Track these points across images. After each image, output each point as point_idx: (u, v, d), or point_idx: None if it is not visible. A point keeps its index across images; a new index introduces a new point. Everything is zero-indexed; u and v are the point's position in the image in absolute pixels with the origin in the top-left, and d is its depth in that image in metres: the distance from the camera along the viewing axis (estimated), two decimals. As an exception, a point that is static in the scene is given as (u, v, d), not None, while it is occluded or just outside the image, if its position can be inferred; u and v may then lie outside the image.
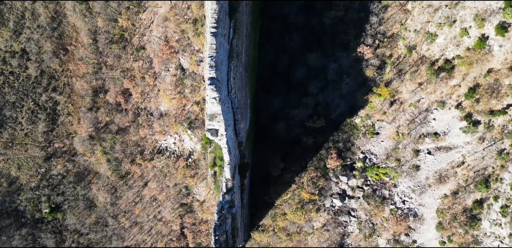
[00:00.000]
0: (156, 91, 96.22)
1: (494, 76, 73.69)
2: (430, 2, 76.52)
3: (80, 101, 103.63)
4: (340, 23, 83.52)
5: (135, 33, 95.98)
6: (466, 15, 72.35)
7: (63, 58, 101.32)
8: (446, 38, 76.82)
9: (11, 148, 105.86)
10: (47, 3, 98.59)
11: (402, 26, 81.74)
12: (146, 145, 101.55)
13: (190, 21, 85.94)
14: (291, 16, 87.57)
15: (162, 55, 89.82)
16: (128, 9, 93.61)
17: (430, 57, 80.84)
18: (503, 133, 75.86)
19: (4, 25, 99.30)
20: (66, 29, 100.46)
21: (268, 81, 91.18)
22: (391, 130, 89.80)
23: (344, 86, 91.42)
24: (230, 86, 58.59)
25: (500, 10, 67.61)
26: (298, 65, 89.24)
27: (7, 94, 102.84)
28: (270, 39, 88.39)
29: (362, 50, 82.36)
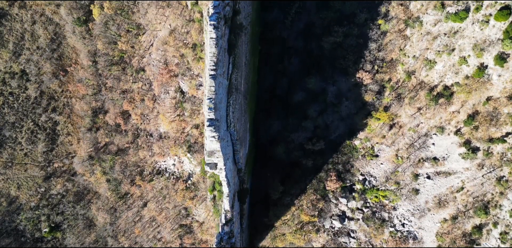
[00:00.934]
0: (156, 113, 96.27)
1: (493, 104, 73.73)
2: (429, 29, 76.54)
3: (79, 121, 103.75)
4: (339, 48, 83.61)
5: (135, 55, 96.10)
6: (465, 44, 72.40)
7: (62, 79, 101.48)
8: (445, 66, 76.88)
9: (10, 168, 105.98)
10: (46, 24, 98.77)
11: (401, 51, 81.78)
12: (145, 165, 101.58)
13: (190, 46, 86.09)
14: (290, 40, 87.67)
15: (162, 79, 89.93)
16: (128, 32, 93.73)
17: (429, 83, 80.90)
18: (502, 160, 75.86)
19: (4, 47, 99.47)
20: (66, 51, 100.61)
21: (268, 103, 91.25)
22: (390, 153, 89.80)
23: (343, 108, 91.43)
24: (229, 120, 58.70)
25: (499, 41, 67.65)
26: (297, 88, 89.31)
27: (7, 115, 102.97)
28: (270, 63, 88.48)
29: (361, 76, 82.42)
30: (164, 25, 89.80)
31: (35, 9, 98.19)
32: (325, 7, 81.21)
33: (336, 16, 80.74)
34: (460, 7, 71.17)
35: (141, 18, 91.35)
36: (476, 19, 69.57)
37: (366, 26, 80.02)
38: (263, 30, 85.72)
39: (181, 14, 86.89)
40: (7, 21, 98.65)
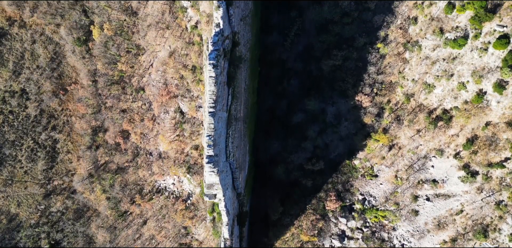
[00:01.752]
0: (155, 132, 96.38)
1: (492, 129, 73.85)
2: (427, 54, 76.71)
3: (79, 139, 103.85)
4: (338, 70, 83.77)
5: (134, 74, 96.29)
6: (463, 70, 72.55)
7: (62, 98, 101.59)
8: (444, 90, 77.03)
9: (10, 186, 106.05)
10: (46, 44, 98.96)
11: (400, 74, 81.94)
12: (145, 184, 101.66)
13: (189, 68, 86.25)
14: (290, 61, 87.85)
15: (161, 99, 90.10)
16: (128, 52, 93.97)
17: (428, 106, 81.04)
18: (501, 185, 75.96)
19: (4, 66, 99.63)
20: (66, 70, 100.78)
21: (267, 124, 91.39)
22: (390, 173, 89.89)
23: (342, 129, 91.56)
24: (229, 151, 58.84)
25: (497, 68, 67.80)
26: (297, 109, 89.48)
27: (7, 133, 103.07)
28: (269, 84, 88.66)
29: (360, 99, 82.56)
30: (163, 46, 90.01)
31: (35, 29, 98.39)
32: (324, 30, 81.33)
33: (335, 39, 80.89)
34: (459, 34, 71.32)
35: (141, 39, 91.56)
36: (475, 46, 69.74)
37: (365, 50, 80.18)
38: (263, 52, 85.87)
39: (181, 36, 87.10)
40: (7, 41, 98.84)
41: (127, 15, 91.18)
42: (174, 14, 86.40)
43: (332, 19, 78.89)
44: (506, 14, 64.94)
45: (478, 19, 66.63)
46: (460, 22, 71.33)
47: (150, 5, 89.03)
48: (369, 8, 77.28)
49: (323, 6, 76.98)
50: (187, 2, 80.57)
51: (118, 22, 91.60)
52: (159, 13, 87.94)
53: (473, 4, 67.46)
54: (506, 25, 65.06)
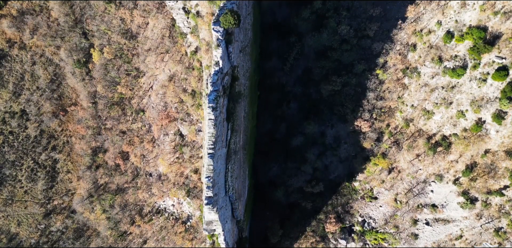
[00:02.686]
0: (155, 154, 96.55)
1: (491, 157, 73.88)
2: (426, 81, 76.82)
3: (79, 159, 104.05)
4: (337, 95, 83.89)
5: (134, 96, 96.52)
6: (462, 99, 72.63)
7: (62, 118, 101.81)
8: (443, 117, 77.10)
9: (11, 205, 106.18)
10: (46, 65, 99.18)
11: (400, 99, 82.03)
12: (144, 204, 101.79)
13: (189, 92, 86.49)
14: (289, 85, 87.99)
15: (161, 123, 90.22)
16: (128, 75, 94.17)
17: (427, 131, 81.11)
18: (500, 212, 75.97)
19: (4, 87, 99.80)
20: (66, 91, 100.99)
21: (267, 147, 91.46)
22: (389, 196, 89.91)
23: (342, 151, 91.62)
24: (228, 185, 58.92)
25: (496, 99, 67.88)
26: (296, 132, 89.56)
27: (7, 153, 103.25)
28: (268, 108, 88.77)
29: (359, 124, 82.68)
30: (163, 69, 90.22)
31: (35, 50, 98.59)
32: (323, 56, 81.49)
33: (334, 65, 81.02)
34: (457, 63, 71.43)
35: (141, 62, 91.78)
36: (473, 77, 69.84)
37: (364, 76, 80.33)
38: (262, 77, 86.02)
39: (181, 60, 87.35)
40: (7, 62, 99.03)
41: (127, 38, 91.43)
42: (174, 39, 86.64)
43: (331, 46, 79.01)
44: (505, 46, 65.03)
45: (477, 50, 66.74)
46: (459, 52, 71.44)
47: (150, 28, 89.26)
48: (368, 36, 77.40)
49: (322, 34, 77.09)
50: (187, 28, 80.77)
51: (118, 45, 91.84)
52: (159, 37, 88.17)
53: (471, 35, 67.56)
54: (505, 57, 65.15)
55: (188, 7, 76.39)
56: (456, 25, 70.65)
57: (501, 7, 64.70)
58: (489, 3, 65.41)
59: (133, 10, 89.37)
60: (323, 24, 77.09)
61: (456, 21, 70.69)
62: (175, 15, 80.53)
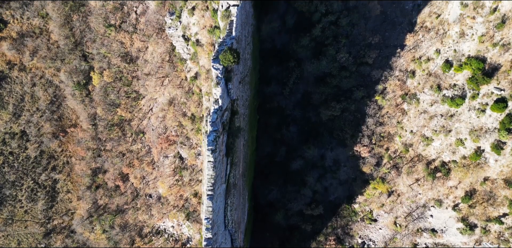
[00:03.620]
0: (154, 176, 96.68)
1: (490, 184, 74.04)
2: (425, 108, 77.00)
3: (79, 179, 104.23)
4: (336, 119, 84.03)
5: (134, 118, 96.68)
6: (461, 127, 72.80)
7: (62, 139, 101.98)
8: (442, 144, 77.25)
9: (11, 225, 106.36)
10: (46, 87, 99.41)
11: (399, 124, 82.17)
12: (144, 225, 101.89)
13: (189, 116, 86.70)
14: (288, 109, 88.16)
15: (160, 146, 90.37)
16: (127, 97, 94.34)
17: (427, 156, 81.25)
18: (500, 239, 76.08)
19: (4, 108, 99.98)
20: (66, 112, 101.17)
21: (266, 170, 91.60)
22: (389, 219, 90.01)
23: (341, 173, 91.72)
24: (227, 220, 59.02)
25: (495, 130, 68.05)
26: (296, 156, 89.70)
27: (7, 174, 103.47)
28: (268, 131, 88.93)
29: (358, 149, 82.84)
30: (163, 93, 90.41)
31: (35, 72, 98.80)
32: (323, 82, 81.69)
33: (333, 91, 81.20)
34: (456, 92, 71.61)
35: (140, 86, 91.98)
36: (472, 106, 70.01)
37: (363, 102, 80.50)
38: (262, 101, 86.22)
39: (180, 84, 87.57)
40: (7, 84, 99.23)
41: (127, 61, 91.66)
42: (174, 63, 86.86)
43: (330, 73, 79.20)
44: (504, 78, 65.23)
45: (475, 81, 66.93)
46: (457, 81, 71.64)
47: (150, 52, 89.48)
48: (367, 63, 77.59)
49: (321, 61, 77.31)
50: (187, 55, 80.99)
51: (117, 69, 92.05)
52: (159, 61, 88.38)
53: (470, 65, 67.77)
54: (503, 89, 65.34)
55: (188, 35, 76.61)
56: (455, 55, 70.85)
57: (499, 39, 64.91)
58: (488, 35, 65.61)
59: (133, 34, 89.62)
60: (322, 52, 77.32)
61: (454, 51, 70.89)
62: (174, 42, 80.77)
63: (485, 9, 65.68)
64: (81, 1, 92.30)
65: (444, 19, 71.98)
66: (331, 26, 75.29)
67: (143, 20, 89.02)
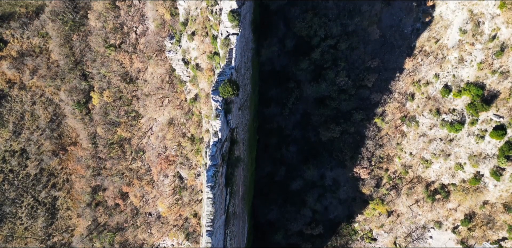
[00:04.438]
0: (154, 195, 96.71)
1: (489, 208, 74.08)
2: (425, 131, 77.12)
3: (79, 197, 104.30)
4: (336, 140, 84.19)
5: (134, 136, 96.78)
6: (461, 152, 72.91)
7: (62, 157, 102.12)
8: (441, 167, 77.34)
9: (11, 242, 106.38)
10: (46, 105, 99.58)
11: (398, 146, 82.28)
12: (144, 243, 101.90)
13: (188, 136, 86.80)
14: (288, 129, 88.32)
15: (160, 167, 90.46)
16: (127, 117, 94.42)
17: (426, 178, 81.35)
18: (499, 263, 76.13)
19: (4, 126, 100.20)
20: (66, 130, 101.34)
21: (266, 189, 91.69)
22: (389, 239, 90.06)
23: (341, 192, 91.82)
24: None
25: (494, 156, 68.14)
26: (296, 175, 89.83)
27: (7, 191, 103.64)
28: (268, 151, 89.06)
29: (358, 171, 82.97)
30: (163, 113, 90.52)
31: (35, 91, 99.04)
32: (322, 104, 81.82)
33: (332, 113, 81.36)
34: (455, 117, 71.72)
35: (140, 106, 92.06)
36: (471, 132, 70.12)
37: (363, 125, 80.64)
38: (261, 122, 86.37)
39: (180, 105, 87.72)
40: (7, 102, 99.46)
41: (126, 81, 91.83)
42: (173, 84, 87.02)
43: (330, 95, 79.32)
44: (503, 105, 65.33)
45: (474, 107, 67.03)
46: (456, 106, 71.76)
47: (149, 73, 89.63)
48: (366, 86, 77.73)
49: (320, 84, 77.46)
50: (186, 77, 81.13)
51: (117, 89, 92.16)
52: (158, 81, 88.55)
53: (469, 91, 67.90)
54: (502, 116, 65.44)
55: (188, 58, 76.77)
56: (454, 80, 71.01)
57: (498, 67, 65.04)
58: (487, 62, 65.74)
59: (133, 54, 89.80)
60: (322, 75, 77.47)
61: (453, 76, 71.03)
62: (174, 65, 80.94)
63: (484, 36, 65.85)
64: (81, 20, 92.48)
65: (443, 44, 72.14)
66: (330, 50, 75.46)
67: (143, 41, 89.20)
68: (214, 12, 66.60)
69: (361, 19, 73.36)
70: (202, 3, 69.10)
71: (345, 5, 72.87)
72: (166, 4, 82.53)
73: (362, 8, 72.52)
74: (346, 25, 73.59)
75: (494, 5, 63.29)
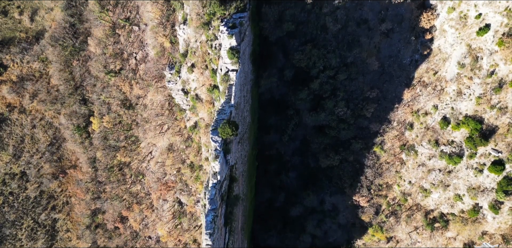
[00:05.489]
0: (153, 218, 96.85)
1: (488, 239, 74.19)
2: (424, 160, 77.32)
3: (78, 219, 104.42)
4: (335, 168, 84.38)
5: (134, 160, 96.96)
6: (459, 184, 73.09)
7: (62, 179, 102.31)
8: (440, 197, 77.52)
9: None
10: (46, 128, 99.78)
11: (397, 174, 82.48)
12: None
13: (188, 163, 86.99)
14: (287, 155, 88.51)
15: (159, 193, 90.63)
16: (127, 142, 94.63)
17: (425, 206, 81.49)
18: (498, 293, 76.19)
19: (4, 149, 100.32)
20: (65, 153, 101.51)
21: (266, 214, 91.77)
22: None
23: (341, 218, 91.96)
24: (226, 286, 59.37)
25: (493, 190, 68.32)
26: (295, 202, 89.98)
27: (7, 213, 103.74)
28: (267, 177, 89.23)
29: (357, 199, 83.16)
30: (162, 138, 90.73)
31: (35, 114, 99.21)
32: (321, 132, 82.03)
33: (332, 142, 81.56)
34: (454, 149, 71.92)
35: (140, 132, 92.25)
36: (470, 165, 70.31)
37: (362, 154, 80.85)
38: (261, 149, 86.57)
39: (180, 131, 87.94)
40: (7, 126, 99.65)
41: (126, 107, 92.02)
42: (173, 111, 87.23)
43: (329, 124, 79.55)
44: (501, 140, 65.52)
45: (473, 142, 67.25)
46: (455, 137, 71.98)
47: (149, 99, 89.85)
48: (365, 116, 77.96)
49: (319, 114, 77.66)
50: (186, 106, 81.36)
51: (117, 114, 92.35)
52: (158, 108, 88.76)
53: (468, 125, 68.12)
54: (501, 151, 65.64)
55: (187, 88, 77.02)
56: (452, 112, 71.23)
57: (497, 102, 65.27)
58: (485, 97, 65.98)
59: (132, 80, 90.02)
60: (321, 105, 77.71)
61: (452, 108, 71.28)
62: (174, 95, 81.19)
63: (482, 71, 66.10)
64: (81, 46, 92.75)
65: (441, 76, 72.41)
66: (329, 80, 75.70)
67: (142, 67, 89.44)
68: (213, 46, 66.89)
69: (360, 50, 73.62)
70: (202, 37, 69.37)
71: (344, 37, 73.12)
72: (165, 32, 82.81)
73: (361, 40, 72.77)
74: (345, 56, 73.89)
75: (492, 42, 63.56)
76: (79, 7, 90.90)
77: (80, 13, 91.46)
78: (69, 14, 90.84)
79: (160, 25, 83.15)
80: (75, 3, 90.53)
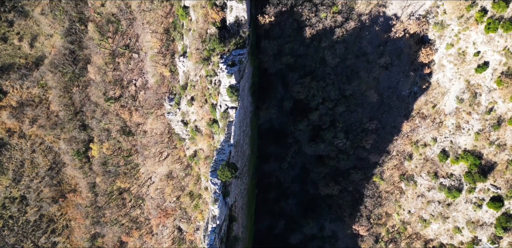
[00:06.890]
0: (153, 244, 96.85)
1: (487, 271, 74.27)
2: (423, 191, 77.43)
3: (78, 242, 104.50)
4: (335, 197, 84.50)
5: (134, 185, 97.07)
6: (459, 217, 73.18)
7: (62, 203, 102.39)
8: (440, 228, 77.60)
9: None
10: (46, 153, 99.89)
11: (397, 203, 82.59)
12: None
13: (187, 191, 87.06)
14: (287, 182, 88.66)
15: (159, 219, 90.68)
16: (127, 167, 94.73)
17: (425, 235, 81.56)
18: None
19: (4, 174, 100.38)
20: (65, 177, 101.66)
21: (266, 241, 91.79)
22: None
23: (340, 244, 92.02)
24: None
25: (492, 225, 68.40)
26: (295, 229, 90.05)
27: (7, 237, 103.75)
28: (267, 205, 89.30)
29: (357, 228, 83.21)
30: (162, 165, 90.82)
31: (35, 139, 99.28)
32: (320, 161, 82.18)
33: (331, 171, 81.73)
34: (453, 182, 72.03)
35: (139, 158, 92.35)
36: (469, 199, 70.41)
37: (361, 184, 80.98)
38: (260, 176, 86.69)
39: (179, 159, 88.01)
40: (7, 150, 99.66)
41: (126, 134, 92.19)
42: (172, 139, 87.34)
43: (328, 155, 79.68)
44: (500, 177, 65.63)
45: (471, 177, 67.37)
46: (454, 171, 72.08)
47: (149, 126, 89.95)
48: (364, 147, 78.09)
49: (318, 145, 77.80)
50: (186, 135, 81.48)
51: (116, 140, 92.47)
52: (157, 136, 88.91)
53: (467, 160, 68.24)
54: (500, 187, 65.74)
55: (187, 120, 77.13)
56: (452, 146, 71.34)
57: (496, 139, 65.39)
58: (484, 134, 66.12)
59: (132, 107, 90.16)
60: (320, 135, 77.85)
61: (451, 142, 71.41)
62: (173, 125, 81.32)
63: (481, 107, 66.24)
64: (81, 72, 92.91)
65: (440, 109, 72.55)
66: (328, 112, 75.82)
67: (142, 94, 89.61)
68: (213, 82, 67.05)
69: (359, 83, 73.77)
70: (201, 71, 69.55)
71: (343, 70, 73.27)
72: (165, 61, 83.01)
73: (360, 73, 72.94)
74: (344, 89, 74.02)
75: (491, 79, 63.74)
76: (78, 34, 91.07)
77: (80, 39, 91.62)
78: (69, 41, 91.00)
79: (159, 54, 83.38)
80: (75, 30, 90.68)
